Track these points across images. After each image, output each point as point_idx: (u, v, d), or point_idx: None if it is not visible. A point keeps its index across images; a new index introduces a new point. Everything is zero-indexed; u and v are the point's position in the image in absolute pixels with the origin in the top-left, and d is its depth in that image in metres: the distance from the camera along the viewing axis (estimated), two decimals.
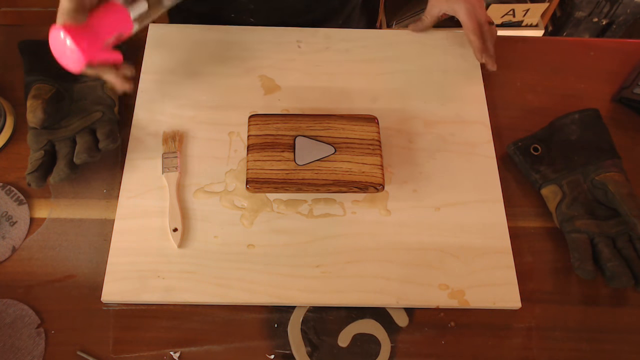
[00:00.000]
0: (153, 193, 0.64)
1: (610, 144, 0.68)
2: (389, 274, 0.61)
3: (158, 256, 0.61)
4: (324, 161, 0.63)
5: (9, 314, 0.58)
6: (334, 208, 0.65)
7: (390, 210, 0.65)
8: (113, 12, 0.60)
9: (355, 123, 0.65)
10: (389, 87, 0.73)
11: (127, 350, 0.58)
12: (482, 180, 0.67)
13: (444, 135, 0.70)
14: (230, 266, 0.61)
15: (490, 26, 0.74)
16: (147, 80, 0.72)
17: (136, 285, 0.59)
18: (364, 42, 0.77)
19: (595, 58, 0.80)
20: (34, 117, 0.64)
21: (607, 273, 0.61)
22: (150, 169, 0.66)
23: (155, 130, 0.69)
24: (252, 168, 0.62)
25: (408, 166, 0.68)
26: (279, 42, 0.76)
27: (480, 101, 0.73)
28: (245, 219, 0.64)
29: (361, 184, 0.62)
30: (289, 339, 0.59)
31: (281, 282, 0.60)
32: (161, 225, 0.63)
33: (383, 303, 0.60)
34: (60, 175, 0.62)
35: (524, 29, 1.58)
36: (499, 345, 0.60)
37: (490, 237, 0.64)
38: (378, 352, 0.59)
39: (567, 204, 0.64)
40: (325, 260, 0.61)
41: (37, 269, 0.61)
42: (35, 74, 0.68)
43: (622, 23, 1.58)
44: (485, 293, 0.60)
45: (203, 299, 0.59)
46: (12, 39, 0.74)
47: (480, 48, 0.73)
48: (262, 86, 0.73)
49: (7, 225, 0.63)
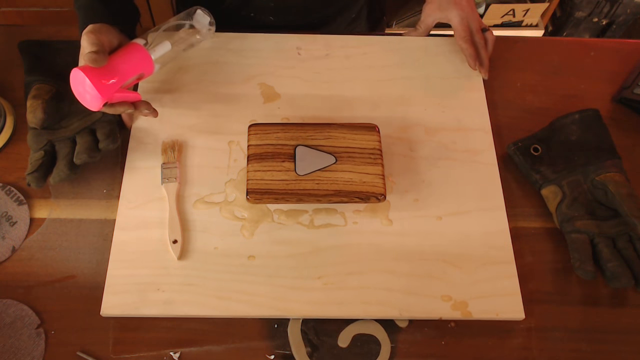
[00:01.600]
0: (152, 204, 0.64)
1: (610, 144, 0.68)
2: (391, 285, 0.60)
3: (158, 268, 0.60)
4: (324, 171, 0.62)
5: (9, 314, 0.58)
6: (335, 218, 0.64)
7: (392, 220, 0.64)
8: (134, 53, 0.62)
9: (356, 132, 0.65)
10: (390, 94, 0.73)
11: (127, 350, 0.58)
12: (484, 188, 0.67)
13: (446, 143, 0.70)
14: (231, 278, 0.60)
15: (484, 33, 0.74)
16: (146, 89, 0.71)
17: (135, 299, 0.58)
18: (364, 49, 0.76)
19: (595, 58, 0.80)
20: (34, 117, 0.64)
21: (607, 273, 0.61)
22: (149, 179, 0.65)
23: (154, 139, 0.68)
24: (252, 178, 0.61)
25: (409, 175, 0.67)
26: (279, 49, 0.76)
27: (482, 108, 0.73)
28: (246, 229, 0.63)
29: (362, 194, 0.61)
30: (289, 339, 0.59)
31: (282, 294, 0.59)
32: (161, 236, 0.62)
33: (386, 315, 0.59)
34: (60, 175, 0.62)
35: (524, 29, 1.58)
36: (499, 346, 0.59)
37: (492, 247, 0.63)
38: (378, 353, 0.59)
39: (567, 204, 0.64)
40: (326, 272, 0.61)
41: (37, 269, 0.61)
42: (35, 74, 0.68)
43: (622, 23, 1.58)
44: (488, 304, 0.60)
45: (203, 312, 0.58)
46: (12, 39, 0.74)
47: (472, 55, 0.73)
48: (261, 94, 0.72)
49: (7, 226, 0.63)
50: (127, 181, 0.65)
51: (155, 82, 0.72)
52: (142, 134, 0.68)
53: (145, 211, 0.63)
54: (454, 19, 0.74)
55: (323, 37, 0.77)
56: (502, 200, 0.66)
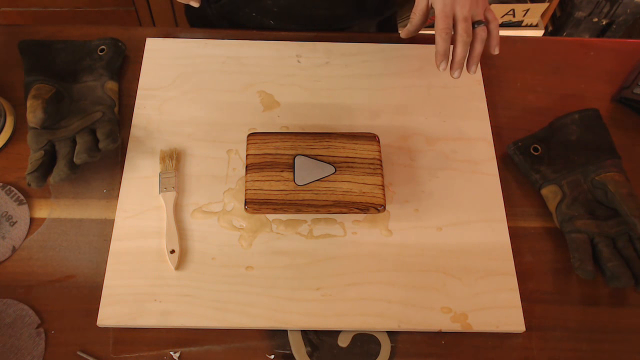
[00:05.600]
0: (150, 213, 0.63)
1: (610, 144, 0.68)
2: (391, 296, 0.60)
3: (155, 279, 0.60)
4: (323, 181, 0.62)
5: (9, 314, 0.58)
6: (335, 228, 0.64)
7: (391, 231, 0.64)
8: None
9: (356, 142, 0.64)
10: (390, 103, 0.72)
11: (127, 350, 0.58)
12: (485, 199, 0.66)
13: (446, 153, 0.69)
14: (229, 289, 0.60)
15: (476, 27, 0.62)
16: (144, 96, 0.71)
17: (132, 309, 0.58)
18: (365, 57, 0.76)
19: (595, 58, 0.80)
20: (34, 117, 0.64)
21: (607, 273, 0.61)
22: (147, 188, 0.65)
23: (152, 147, 0.68)
24: (251, 188, 0.61)
25: (409, 185, 0.67)
26: (279, 57, 0.75)
27: (483, 117, 0.72)
28: (244, 239, 0.63)
29: (362, 205, 0.61)
30: (289, 339, 0.59)
31: (281, 305, 0.59)
32: (158, 246, 0.61)
33: (384, 327, 0.59)
34: (60, 175, 0.62)
35: (524, 29, 1.58)
36: (499, 346, 0.59)
37: (493, 259, 0.63)
38: (378, 352, 0.59)
39: (567, 204, 0.64)
40: (325, 283, 0.60)
41: (37, 269, 0.61)
42: (35, 74, 0.69)
43: (622, 23, 1.58)
44: (489, 316, 0.59)
45: (200, 323, 0.58)
46: (12, 39, 0.74)
47: (438, 51, 0.62)
48: (261, 102, 0.72)
49: (7, 225, 0.63)
50: (125, 190, 0.65)
51: (153, 89, 0.72)
52: (140, 142, 0.68)
53: (143, 221, 0.63)
54: (436, 4, 0.62)
55: (323, 44, 0.77)
56: (503, 211, 0.66)
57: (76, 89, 0.69)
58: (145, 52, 0.75)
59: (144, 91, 0.72)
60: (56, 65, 0.71)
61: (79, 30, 0.77)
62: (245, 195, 0.61)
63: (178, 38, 0.77)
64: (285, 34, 0.78)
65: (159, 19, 1.49)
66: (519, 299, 0.61)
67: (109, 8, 1.43)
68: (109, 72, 0.71)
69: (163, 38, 0.76)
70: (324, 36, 0.78)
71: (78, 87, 0.69)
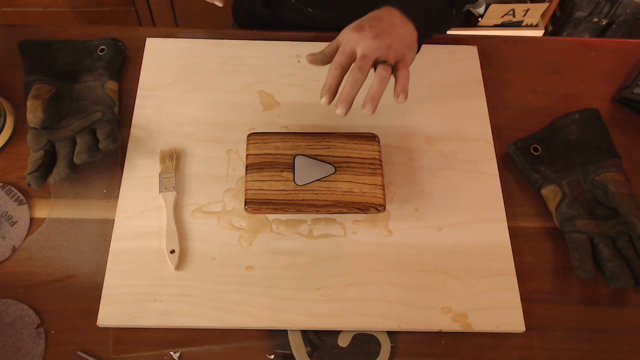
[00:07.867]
0: (150, 213, 0.63)
1: (610, 144, 0.68)
2: (390, 296, 0.60)
3: (155, 279, 0.60)
4: (323, 181, 0.62)
5: (9, 314, 0.58)
6: (335, 228, 0.64)
7: (391, 231, 0.64)
8: None
9: (356, 142, 0.64)
10: (390, 103, 0.71)
11: (127, 350, 0.58)
12: (485, 199, 0.66)
13: (446, 153, 0.69)
14: (229, 289, 0.60)
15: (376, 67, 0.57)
16: (144, 96, 0.71)
17: (132, 309, 0.58)
18: None
19: (595, 58, 0.80)
20: (34, 117, 0.64)
21: (607, 273, 0.61)
22: (147, 188, 0.65)
23: (152, 147, 0.68)
24: (251, 188, 0.61)
25: (409, 185, 0.67)
26: (278, 57, 0.75)
27: (483, 117, 0.72)
28: (244, 239, 0.63)
29: (362, 205, 0.61)
30: (289, 339, 0.59)
31: (281, 305, 0.59)
32: (158, 246, 0.61)
33: (384, 327, 0.59)
34: (60, 175, 0.62)
35: (524, 29, 1.58)
36: (499, 346, 0.59)
37: (493, 259, 0.63)
38: (378, 352, 0.59)
39: (567, 204, 0.64)
40: (325, 283, 0.60)
41: (37, 269, 0.61)
42: (35, 74, 0.69)
43: (622, 23, 1.58)
44: (489, 316, 0.59)
45: (200, 323, 0.58)
46: (12, 39, 0.74)
47: (324, 86, 0.57)
48: (261, 102, 0.72)
49: (7, 225, 0.63)
50: (125, 190, 0.65)
51: (153, 89, 0.72)
52: (140, 142, 0.68)
53: (143, 221, 0.63)
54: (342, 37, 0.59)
55: (323, 44, 0.75)
56: (503, 211, 0.66)
57: (76, 89, 0.69)
58: (145, 52, 0.75)
59: (144, 91, 0.72)
60: (56, 65, 0.71)
61: (79, 30, 0.77)
62: (245, 195, 0.61)
63: (178, 38, 0.77)
64: (285, 34, 0.78)
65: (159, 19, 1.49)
66: (519, 299, 0.61)
67: (108, 8, 1.43)
68: (109, 72, 0.71)
69: (163, 38, 0.76)
70: (324, 36, 0.77)
71: (78, 87, 0.69)
